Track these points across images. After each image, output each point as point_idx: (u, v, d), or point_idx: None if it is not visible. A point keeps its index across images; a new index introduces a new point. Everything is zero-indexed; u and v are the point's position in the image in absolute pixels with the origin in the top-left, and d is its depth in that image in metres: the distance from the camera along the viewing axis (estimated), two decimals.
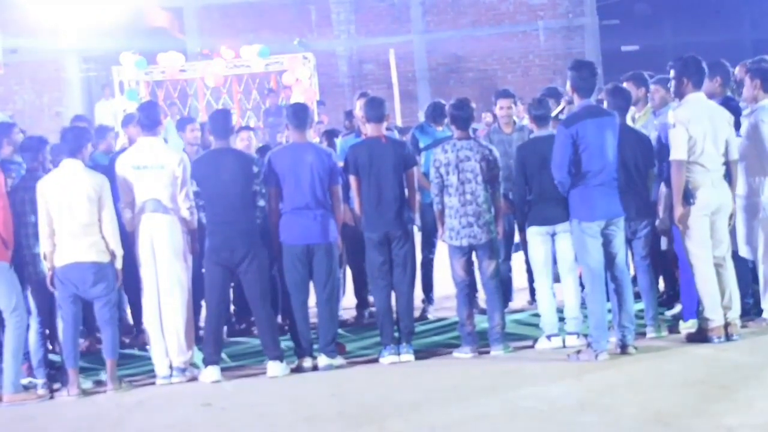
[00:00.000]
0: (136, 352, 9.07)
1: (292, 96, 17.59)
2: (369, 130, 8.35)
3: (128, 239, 8.05)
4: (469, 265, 8.14)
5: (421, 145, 9.62)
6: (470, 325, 8.07)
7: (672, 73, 7.80)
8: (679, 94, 7.76)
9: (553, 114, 8.60)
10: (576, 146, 7.46)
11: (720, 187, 7.69)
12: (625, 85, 8.70)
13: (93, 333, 9.14)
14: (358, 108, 9.48)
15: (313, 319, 8.21)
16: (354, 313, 9.80)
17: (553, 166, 7.59)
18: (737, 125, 8.02)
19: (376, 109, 8.30)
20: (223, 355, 8.32)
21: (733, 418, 5.82)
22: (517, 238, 9.23)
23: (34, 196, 7.82)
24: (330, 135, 9.86)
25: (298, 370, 7.99)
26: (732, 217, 7.80)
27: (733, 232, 7.91)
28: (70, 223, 7.71)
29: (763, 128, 7.98)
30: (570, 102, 8.48)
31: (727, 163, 7.74)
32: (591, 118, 7.51)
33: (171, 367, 7.95)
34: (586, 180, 7.50)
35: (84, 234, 7.72)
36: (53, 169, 8.06)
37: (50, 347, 8.34)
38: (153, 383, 7.97)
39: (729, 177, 7.76)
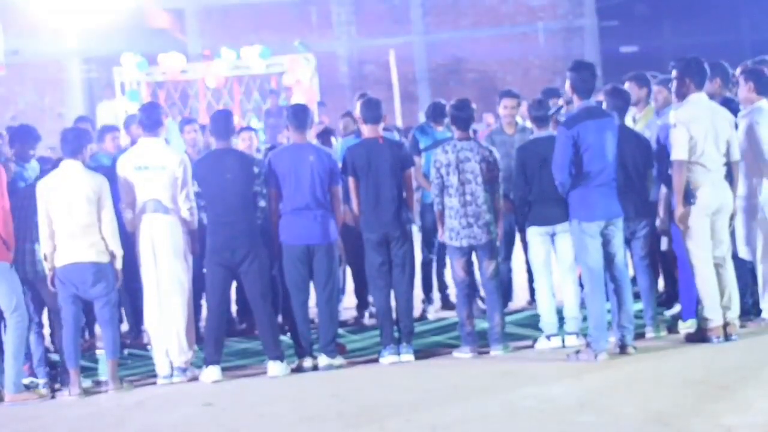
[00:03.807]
0: (137, 351, 9.10)
1: (292, 97, 17.61)
2: (366, 131, 8.37)
3: (128, 240, 8.08)
4: (469, 265, 8.16)
5: (422, 145, 9.63)
6: (470, 325, 8.09)
7: (674, 73, 7.82)
8: (681, 95, 7.77)
9: (551, 113, 8.62)
10: (577, 147, 7.48)
11: (721, 187, 7.70)
12: (626, 85, 8.71)
13: (93, 333, 9.17)
14: (358, 109, 9.49)
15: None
16: (354, 313, 9.82)
17: (554, 168, 7.60)
18: (736, 126, 8.04)
19: (373, 110, 8.32)
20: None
21: (732, 417, 5.83)
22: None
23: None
24: (325, 135, 9.78)
25: (298, 370, 8.01)
26: (733, 217, 7.82)
27: (733, 233, 7.92)
28: (70, 224, 7.73)
29: (758, 129, 8.01)
30: (569, 102, 8.50)
31: (729, 164, 7.76)
32: (591, 120, 7.53)
33: (172, 366, 7.98)
34: (586, 181, 7.51)
35: (83, 234, 7.74)
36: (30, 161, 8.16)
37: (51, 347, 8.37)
38: (154, 383, 7.99)
39: (730, 177, 7.78)
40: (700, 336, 7.69)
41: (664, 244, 8.27)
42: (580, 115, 7.58)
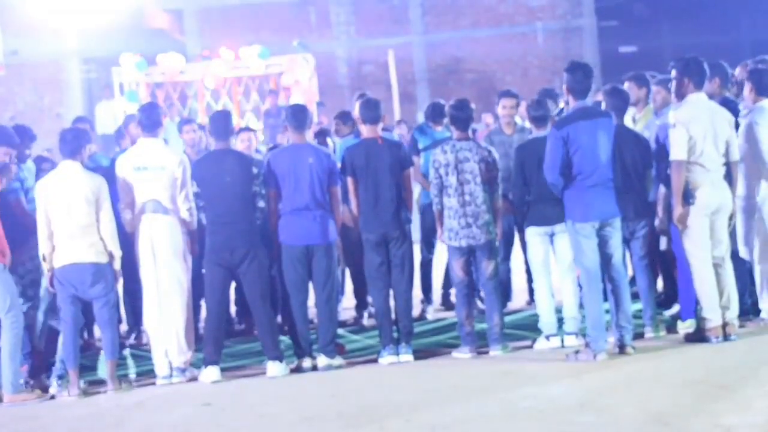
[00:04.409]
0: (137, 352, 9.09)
1: (291, 97, 17.62)
2: (365, 131, 8.37)
3: (127, 240, 8.07)
4: (468, 265, 8.16)
5: (420, 145, 9.64)
6: (469, 326, 8.09)
7: (673, 73, 7.82)
8: (680, 95, 7.77)
9: (554, 114, 8.62)
10: (567, 148, 7.48)
11: (720, 187, 7.70)
12: (626, 84, 8.72)
13: (91, 333, 9.17)
14: (357, 109, 9.48)
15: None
16: (353, 313, 9.82)
17: (545, 168, 7.61)
18: (736, 126, 8.04)
19: (372, 111, 8.32)
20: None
21: (731, 417, 5.83)
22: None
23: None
24: (321, 135, 9.78)
25: (297, 370, 8.01)
26: (732, 217, 7.82)
27: (733, 233, 7.92)
28: (69, 224, 7.73)
29: (757, 130, 8.01)
30: (568, 103, 8.50)
31: (728, 164, 7.76)
32: (583, 120, 7.51)
33: (171, 367, 7.97)
34: (579, 181, 7.51)
35: (82, 235, 7.73)
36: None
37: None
38: (153, 383, 7.99)
39: (730, 177, 7.78)
40: (699, 336, 7.69)
41: (663, 244, 8.27)
42: (573, 115, 7.58)
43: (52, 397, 7.83)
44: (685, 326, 8.01)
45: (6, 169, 7.98)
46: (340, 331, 8.78)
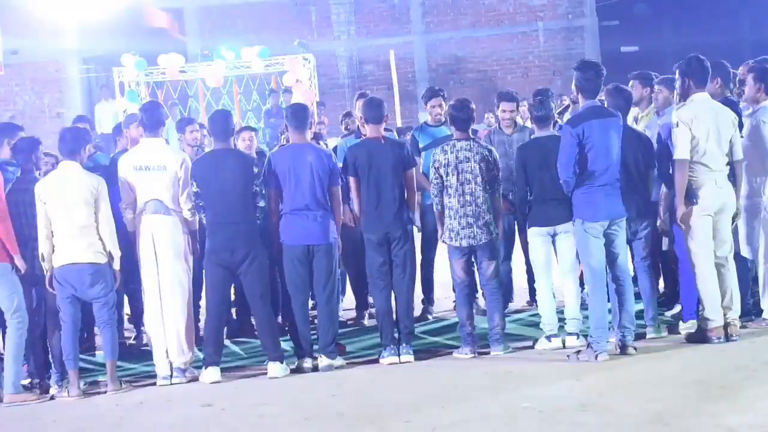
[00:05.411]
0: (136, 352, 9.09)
1: (291, 97, 17.63)
2: (368, 131, 8.36)
3: (128, 240, 8.06)
4: (468, 265, 8.14)
5: (421, 144, 9.62)
6: (470, 326, 8.07)
7: (676, 73, 7.81)
8: (683, 95, 7.76)
9: (557, 112, 8.60)
10: (582, 146, 7.46)
11: (723, 187, 7.69)
12: (631, 83, 8.71)
13: (91, 333, 9.16)
14: (358, 109, 9.48)
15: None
16: (354, 313, 9.80)
17: (558, 165, 7.58)
18: (740, 125, 8.02)
19: (375, 110, 8.30)
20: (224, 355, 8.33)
21: (733, 418, 5.82)
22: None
23: (27, 198, 7.83)
24: (315, 140, 9.75)
25: (298, 370, 7.99)
26: (737, 217, 7.81)
27: (735, 232, 7.91)
28: (68, 225, 7.72)
29: (764, 129, 8.00)
30: (575, 102, 8.48)
31: (732, 164, 7.75)
32: (596, 119, 7.51)
33: (171, 367, 7.96)
34: (590, 180, 7.50)
35: (81, 235, 7.72)
36: (44, 168, 8.13)
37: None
38: (153, 384, 7.98)
39: (734, 177, 7.77)
40: (700, 336, 7.67)
41: (665, 244, 8.26)
42: (586, 114, 7.56)
43: (52, 398, 7.82)
44: (687, 327, 8.00)
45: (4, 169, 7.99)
46: (341, 331, 8.76)
